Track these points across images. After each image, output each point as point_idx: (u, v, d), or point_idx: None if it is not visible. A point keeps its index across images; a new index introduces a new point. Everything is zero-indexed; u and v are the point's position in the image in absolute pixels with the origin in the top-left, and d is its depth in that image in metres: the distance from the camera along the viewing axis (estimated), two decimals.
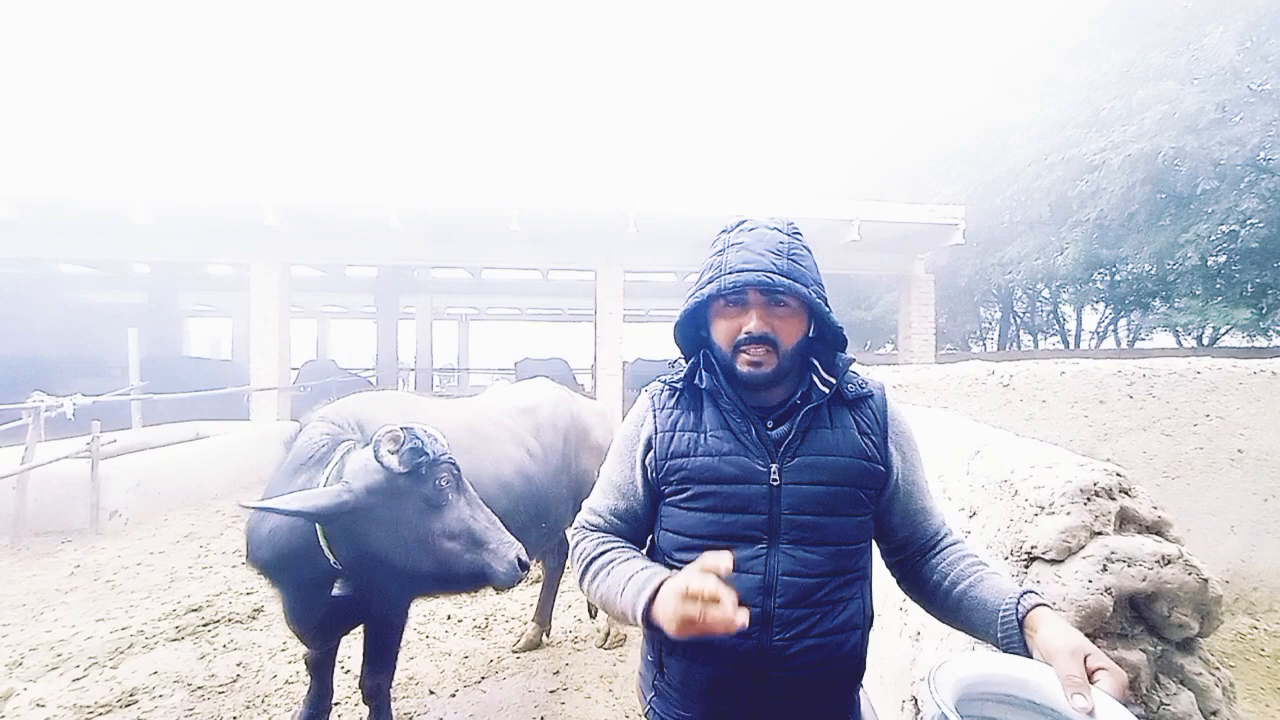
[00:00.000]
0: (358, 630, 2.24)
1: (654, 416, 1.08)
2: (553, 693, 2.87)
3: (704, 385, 1.05)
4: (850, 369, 1.08)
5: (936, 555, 1.07)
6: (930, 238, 10.01)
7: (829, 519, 0.99)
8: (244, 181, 8.91)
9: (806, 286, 0.99)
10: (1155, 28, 9.75)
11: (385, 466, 1.79)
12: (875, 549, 1.12)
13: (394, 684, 2.37)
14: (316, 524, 1.83)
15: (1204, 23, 8.81)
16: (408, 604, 2.25)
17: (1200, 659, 1.29)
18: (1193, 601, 1.27)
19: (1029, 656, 0.85)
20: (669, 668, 1.03)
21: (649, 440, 1.07)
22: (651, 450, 1.06)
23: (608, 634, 3.33)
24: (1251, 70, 8.60)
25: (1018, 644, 0.87)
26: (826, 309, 1.02)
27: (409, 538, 1.86)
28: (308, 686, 2.32)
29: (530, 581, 3.63)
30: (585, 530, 1.10)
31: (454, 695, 2.85)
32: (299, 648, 2.32)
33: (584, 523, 1.11)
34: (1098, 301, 14.12)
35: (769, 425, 1.02)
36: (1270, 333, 10.76)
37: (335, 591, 1.87)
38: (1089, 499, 1.35)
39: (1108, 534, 1.33)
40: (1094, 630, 1.24)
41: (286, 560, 1.93)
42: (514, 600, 3.85)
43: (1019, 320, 16.74)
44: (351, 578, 1.89)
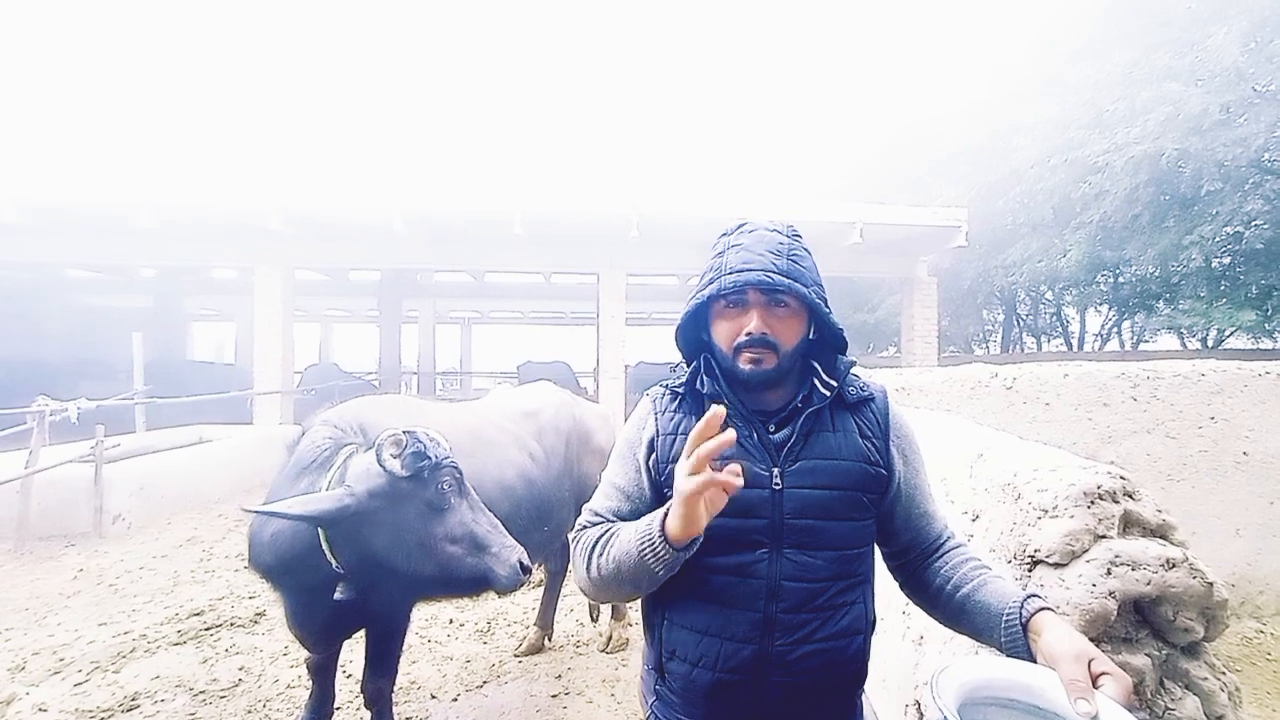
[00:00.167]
0: (360, 635, 2.24)
1: (655, 419, 1.08)
2: (555, 697, 2.87)
3: (705, 390, 1.05)
4: (851, 372, 1.08)
5: (939, 559, 1.06)
6: (933, 240, 10.00)
7: (831, 523, 0.99)
8: (248, 186, 8.94)
9: (806, 287, 0.99)
10: (1159, 29, 9.73)
11: (388, 470, 1.79)
12: (877, 553, 1.12)
13: (396, 688, 2.37)
14: (319, 528, 1.84)
15: (1208, 24, 8.78)
16: (410, 608, 2.24)
17: (1206, 663, 1.28)
18: (1198, 605, 1.26)
19: (1033, 661, 0.85)
20: (670, 672, 1.03)
21: (651, 442, 1.07)
22: (654, 453, 1.06)
23: (610, 638, 3.32)
24: (1256, 71, 8.57)
25: (1021, 648, 0.87)
26: (826, 310, 1.02)
27: (411, 541, 1.86)
28: (309, 691, 2.32)
29: (532, 585, 3.63)
30: (587, 527, 1.09)
31: (456, 700, 2.85)
32: (301, 652, 2.32)
33: (586, 523, 1.10)
34: (1101, 304, 14.07)
35: (770, 429, 1.02)
36: (1276, 335, 10.69)
37: (337, 596, 1.87)
38: (1092, 502, 1.34)
39: (1111, 537, 1.32)
40: (1098, 634, 1.24)
41: (289, 564, 1.93)
42: (516, 604, 3.85)
43: (1022, 323, 16.69)
44: (353, 582, 1.89)
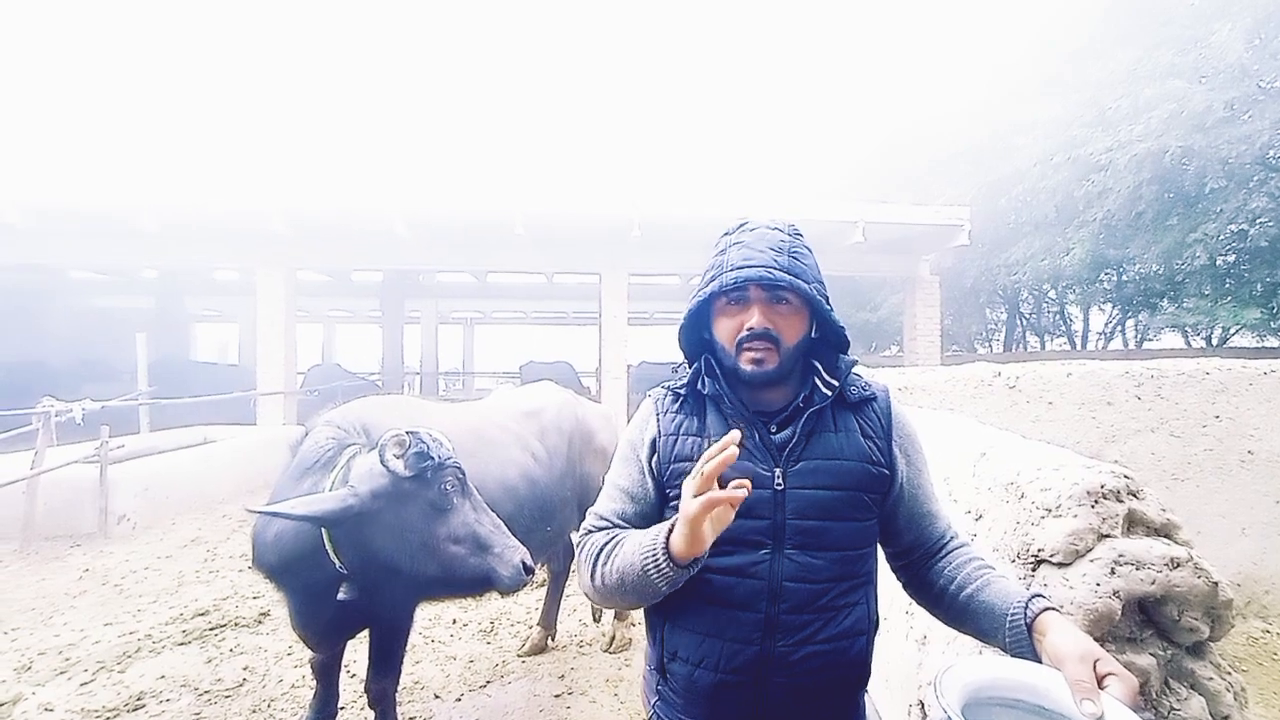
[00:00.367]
0: (363, 635, 2.24)
1: (657, 420, 1.08)
2: (558, 697, 2.87)
3: (706, 390, 1.05)
4: (853, 371, 1.08)
5: (942, 559, 1.06)
6: (935, 239, 9.97)
7: (833, 523, 0.98)
8: (250, 188, 8.96)
9: (808, 284, 0.99)
10: (1161, 26, 9.69)
11: (391, 471, 1.80)
12: (880, 553, 1.11)
13: (399, 688, 2.37)
14: (322, 528, 1.84)
15: (1211, 20, 8.74)
16: (413, 608, 2.25)
17: (1211, 663, 1.27)
18: (1203, 605, 1.26)
19: (1037, 661, 0.84)
20: (673, 673, 1.03)
21: (653, 443, 1.07)
22: (656, 454, 1.06)
23: (613, 638, 3.32)
24: (1260, 68, 8.53)
25: (1026, 648, 0.87)
26: (828, 308, 1.02)
27: (414, 542, 1.86)
28: (313, 691, 2.33)
29: (535, 585, 3.63)
30: (593, 532, 1.09)
31: (459, 699, 2.85)
32: (305, 652, 2.33)
33: (591, 527, 1.09)
34: (1105, 302, 14.01)
35: (772, 429, 1.02)
36: None
37: (341, 596, 1.88)
38: (1096, 501, 1.34)
39: (1115, 537, 1.32)
40: (1102, 634, 1.23)
41: (292, 564, 1.93)
42: (519, 604, 3.85)
43: (1025, 321, 16.64)
44: (357, 582, 1.90)
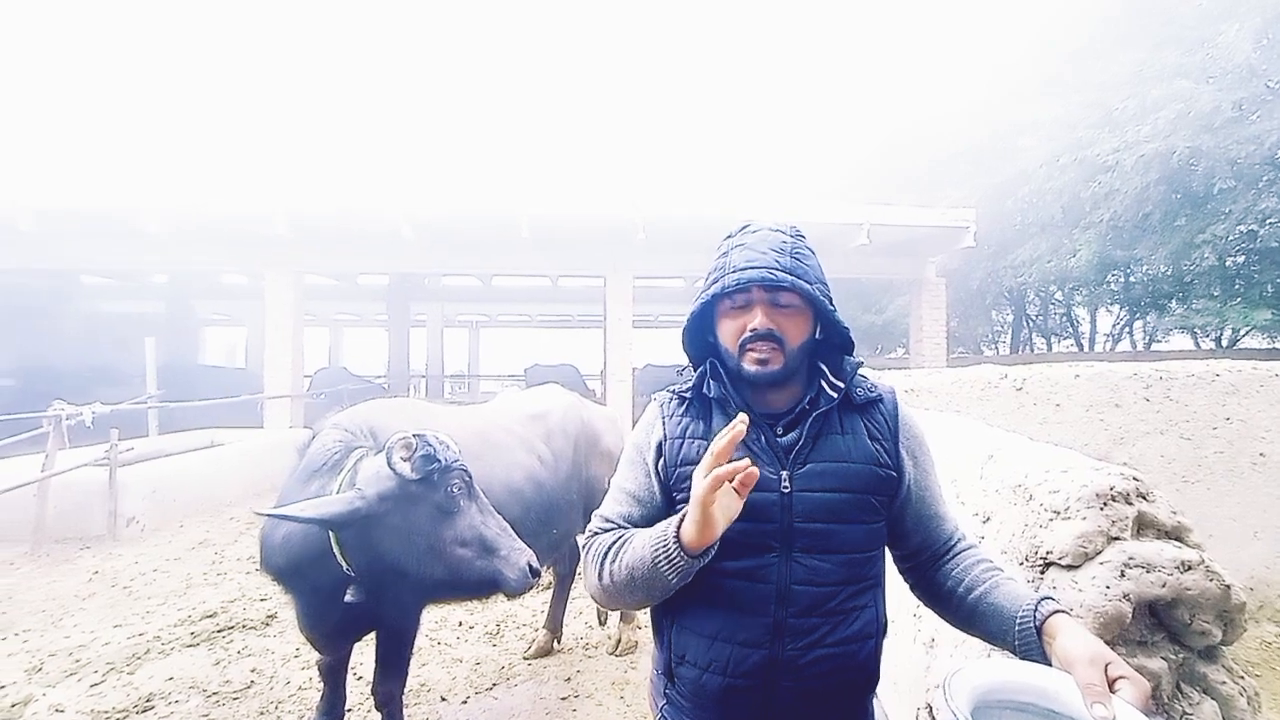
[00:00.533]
0: (370, 637, 2.25)
1: (663, 424, 1.08)
2: (564, 700, 2.87)
3: (712, 393, 1.05)
4: (859, 372, 1.08)
5: (950, 561, 1.05)
6: (941, 241, 9.95)
7: (841, 526, 0.98)
8: (258, 192, 9.04)
9: (810, 284, 0.99)
10: (1161, 27, 9.65)
11: (398, 473, 1.81)
12: (889, 556, 1.11)
13: (406, 691, 2.37)
14: (330, 531, 1.85)
15: (1218, 21, 8.70)
16: (420, 610, 2.25)
17: (1224, 667, 1.26)
18: (1215, 608, 1.24)
19: (1047, 664, 0.84)
20: (680, 677, 1.02)
21: (659, 446, 1.06)
22: (662, 457, 1.06)
23: (619, 641, 3.32)
24: (1269, 68, 8.47)
25: (1035, 651, 0.86)
26: (831, 308, 1.02)
27: (421, 544, 1.87)
28: (320, 693, 2.33)
29: (541, 588, 3.63)
30: (599, 534, 1.08)
31: (465, 702, 2.85)
32: (312, 654, 2.34)
33: (597, 529, 1.09)
34: (1112, 303, 13.92)
35: (778, 432, 1.02)
36: None
37: (348, 598, 1.89)
38: (1105, 504, 1.33)
39: (1125, 539, 1.31)
40: (1113, 638, 1.22)
41: (300, 567, 1.94)
42: (525, 607, 3.85)
43: (1032, 323, 16.54)
44: (364, 584, 1.91)
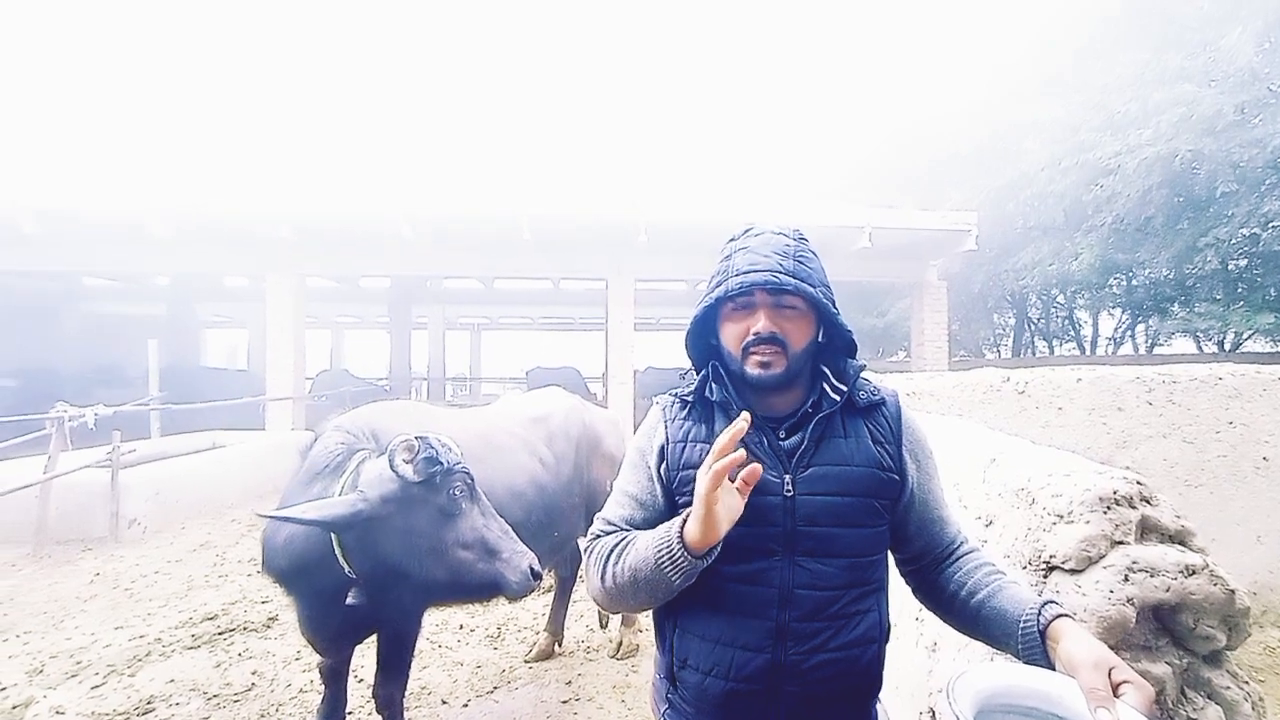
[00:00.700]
0: (371, 640, 2.25)
1: (665, 427, 1.08)
2: (565, 703, 2.86)
3: (714, 397, 1.05)
4: (862, 376, 1.07)
5: (953, 564, 1.05)
6: (942, 244, 9.95)
7: (844, 530, 0.98)
8: (260, 194, 9.06)
9: (814, 287, 0.99)
10: (1169, 28, 9.65)
11: (400, 476, 1.80)
12: (890, 559, 1.11)
13: (407, 694, 2.37)
14: (332, 533, 1.85)
15: (1221, 24, 8.70)
16: (421, 613, 2.25)
17: (1228, 672, 1.26)
18: (1219, 613, 1.24)
19: (1050, 668, 0.84)
20: (683, 681, 1.02)
21: (661, 450, 1.06)
22: (665, 461, 1.05)
23: (620, 644, 3.31)
24: (1271, 72, 8.47)
25: (1039, 655, 0.86)
26: (835, 311, 1.02)
27: (423, 547, 1.87)
28: (321, 696, 2.33)
29: (542, 591, 3.62)
30: (601, 536, 1.08)
31: (466, 705, 2.85)
32: (313, 657, 2.34)
33: (599, 532, 1.08)
34: (1114, 307, 13.90)
35: (781, 435, 1.01)
36: None
37: (349, 600, 1.88)
38: (1109, 507, 1.33)
39: (1129, 543, 1.31)
40: (1116, 642, 1.22)
41: (301, 569, 1.94)
42: (526, 610, 3.85)
43: (1034, 326, 16.51)
44: (365, 587, 1.90)
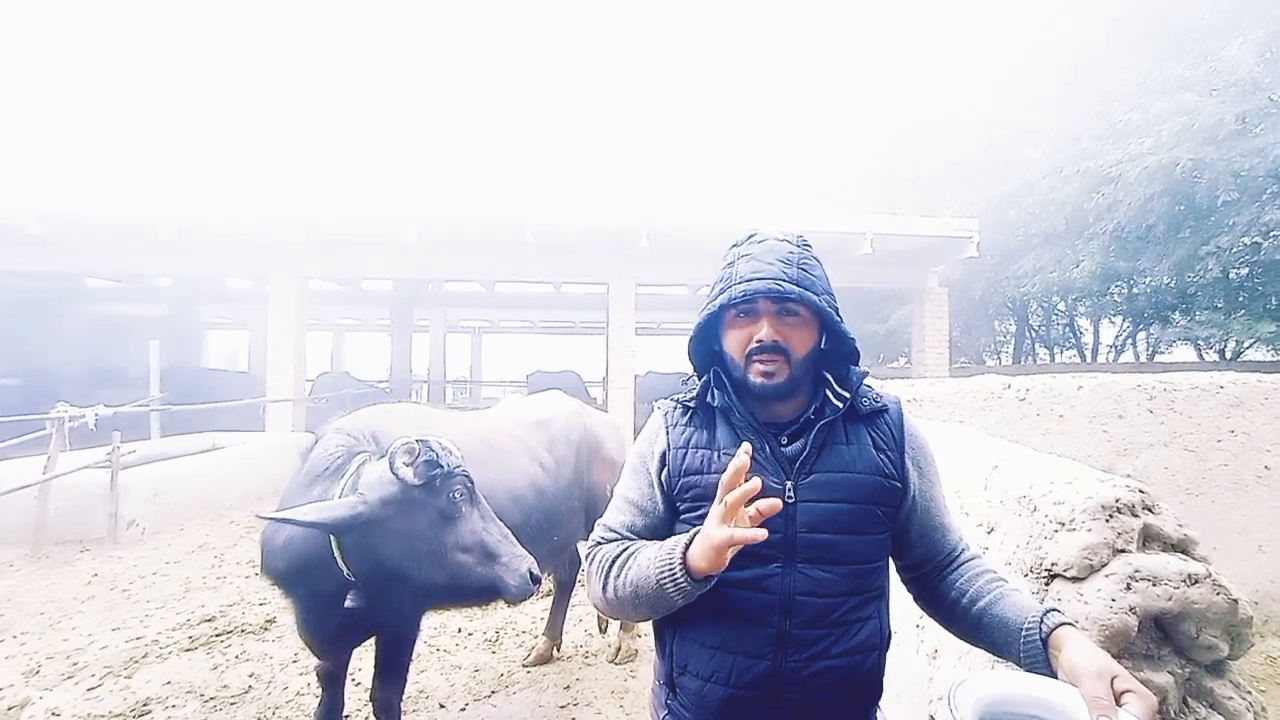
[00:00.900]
0: (369, 643, 2.24)
1: (667, 433, 1.08)
2: (563, 708, 2.85)
3: (716, 403, 1.04)
4: (864, 383, 1.07)
5: (954, 571, 1.05)
6: (944, 251, 9.96)
7: (845, 537, 0.98)
8: (263, 197, 9.10)
9: (817, 295, 0.99)
10: (1170, 38, 9.69)
11: (400, 478, 1.80)
12: (892, 566, 1.10)
13: (404, 697, 2.36)
14: (331, 535, 1.85)
15: (1222, 34, 8.74)
16: (420, 616, 2.24)
17: (1230, 682, 1.25)
18: (1222, 622, 1.24)
19: (1052, 676, 0.83)
20: (682, 687, 1.02)
21: (663, 456, 1.06)
22: (666, 467, 1.05)
23: (619, 649, 3.30)
24: (1272, 81, 8.50)
25: (1041, 663, 0.86)
26: (838, 318, 1.01)
27: (422, 550, 1.86)
28: (319, 699, 2.32)
29: (541, 595, 3.61)
30: (602, 544, 1.08)
31: (464, 709, 2.84)
32: (311, 659, 2.33)
33: (600, 539, 1.08)
34: (1115, 315, 13.92)
35: (783, 442, 1.01)
36: None
37: (348, 603, 1.88)
38: (1111, 515, 1.32)
39: (1131, 552, 1.30)
40: (1118, 651, 1.21)
41: (300, 571, 1.94)
42: (525, 614, 3.83)
43: (1035, 333, 16.51)
44: (364, 589, 1.90)
